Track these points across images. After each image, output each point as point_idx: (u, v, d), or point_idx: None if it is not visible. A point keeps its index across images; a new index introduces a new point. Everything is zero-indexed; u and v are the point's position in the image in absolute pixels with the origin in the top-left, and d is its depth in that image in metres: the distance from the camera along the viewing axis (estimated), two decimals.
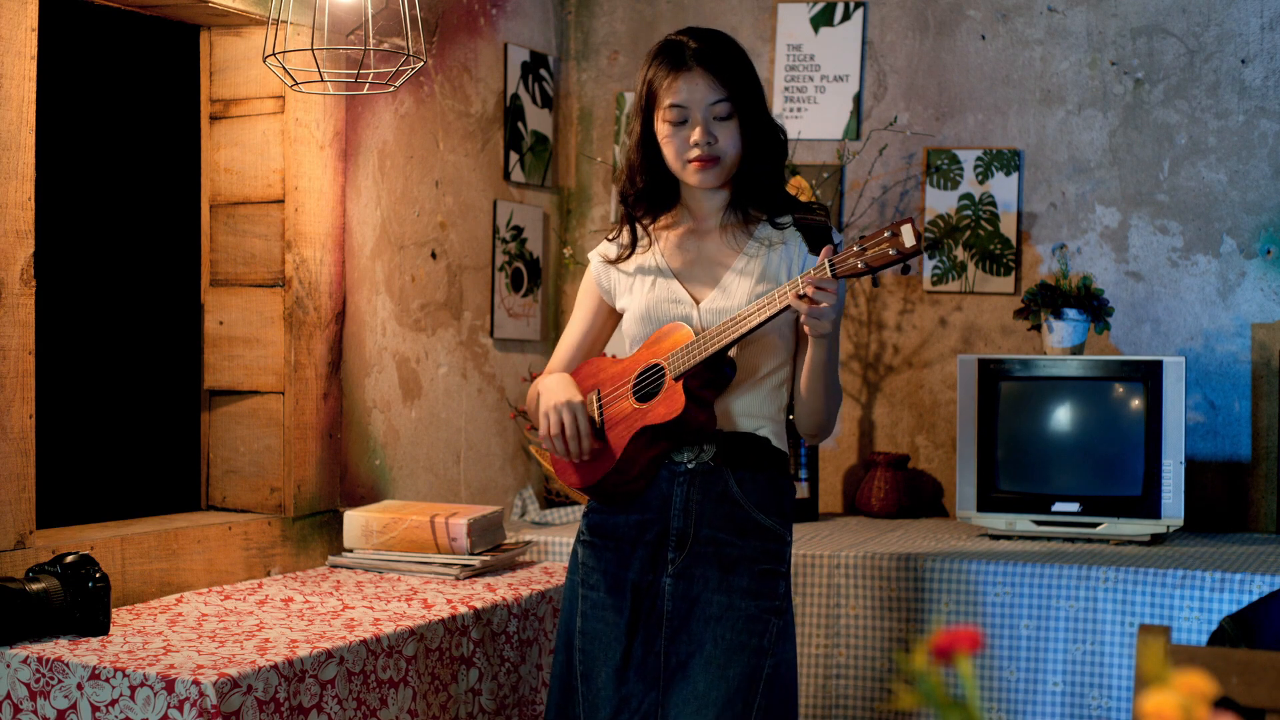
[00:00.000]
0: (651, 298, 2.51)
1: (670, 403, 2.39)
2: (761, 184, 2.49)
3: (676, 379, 2.38)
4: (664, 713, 2.41)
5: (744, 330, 2.33)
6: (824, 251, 2.26)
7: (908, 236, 2.18)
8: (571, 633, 2.53)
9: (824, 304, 2.24)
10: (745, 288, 2.45)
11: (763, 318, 2.31)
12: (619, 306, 2.59)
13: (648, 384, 2.44)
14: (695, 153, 2.43)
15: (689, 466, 2.45)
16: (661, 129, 2.46)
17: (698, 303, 2.47)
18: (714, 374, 2.40)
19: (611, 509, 2.52)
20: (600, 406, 2.51)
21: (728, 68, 2.43)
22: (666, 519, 2.45)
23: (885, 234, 2.21)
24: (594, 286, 2.63)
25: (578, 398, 2.46)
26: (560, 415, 2.43)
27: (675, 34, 2.49)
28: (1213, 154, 3.73)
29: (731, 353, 2.44)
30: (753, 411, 2.47)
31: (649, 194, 2.54)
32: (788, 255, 2.47)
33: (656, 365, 2.43)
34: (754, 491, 2.44)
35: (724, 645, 2.37)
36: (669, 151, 2.46)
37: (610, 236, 2.62)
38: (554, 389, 2.49)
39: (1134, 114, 3.81)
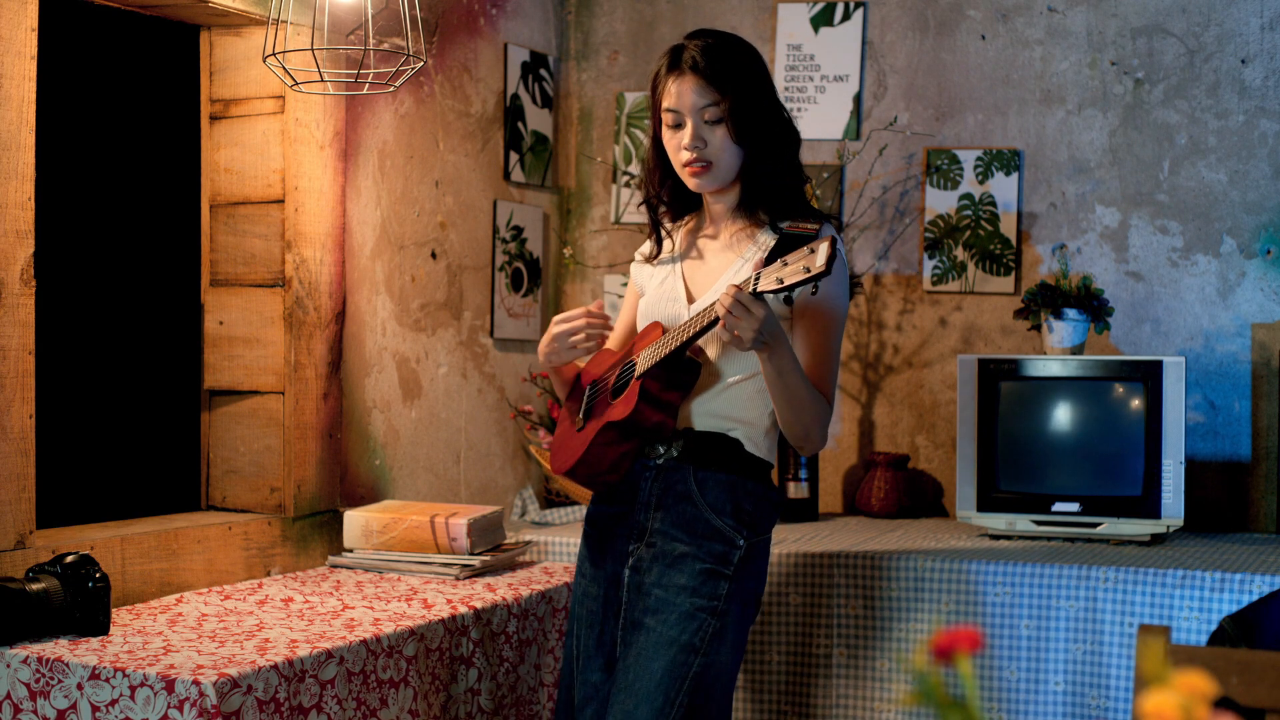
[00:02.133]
0: (655, 295, 2.56)
1: (626, 402, 2.43)
2: (767, 187, 2.47)
3: (638, 378, 2.41)
4: None
5: (686, 337, 2.34)
6: (755, 264, 2.25)
7: (820, 256, 2.11)
8: (573, 618, 2.62)
9: (740, 319, 2.18)
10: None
11: (704, 324, 2.30)
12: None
13: (621, 380, 2.48)
14: (685, 156, 2.45)
15: (658, 463, 2.48)
16: (663, 134, 2.50)
17: (691, 303, 2.50)
18: (674, 375, 2.41)
19: (601, 501, 2.58)
20: (592, 396, 2.57)
21: (721, 71, 2.41)
22: (633, 512, 2.50)
23: (805, 251, 2.14)
24: (632, 286, 2.71)
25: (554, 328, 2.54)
26: (551, 336, 2.52)
27: (685, 37, 2.51)
28: (1213, 154, 3.73)
29: (712, 354, 2.45)
30: (724, 413, 2.47)
31: (672, 195, 2.59)
32: None
33: (632, 363, 2.48)
34: (711, 492, 2.45)
35: (653, 638, 2.40)
36: (670, 155, 2.50)
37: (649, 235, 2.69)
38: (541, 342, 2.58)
39: (1134, 114, 3.81)
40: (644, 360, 2.42)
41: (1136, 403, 3.37)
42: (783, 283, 2.16)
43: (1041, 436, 3.48)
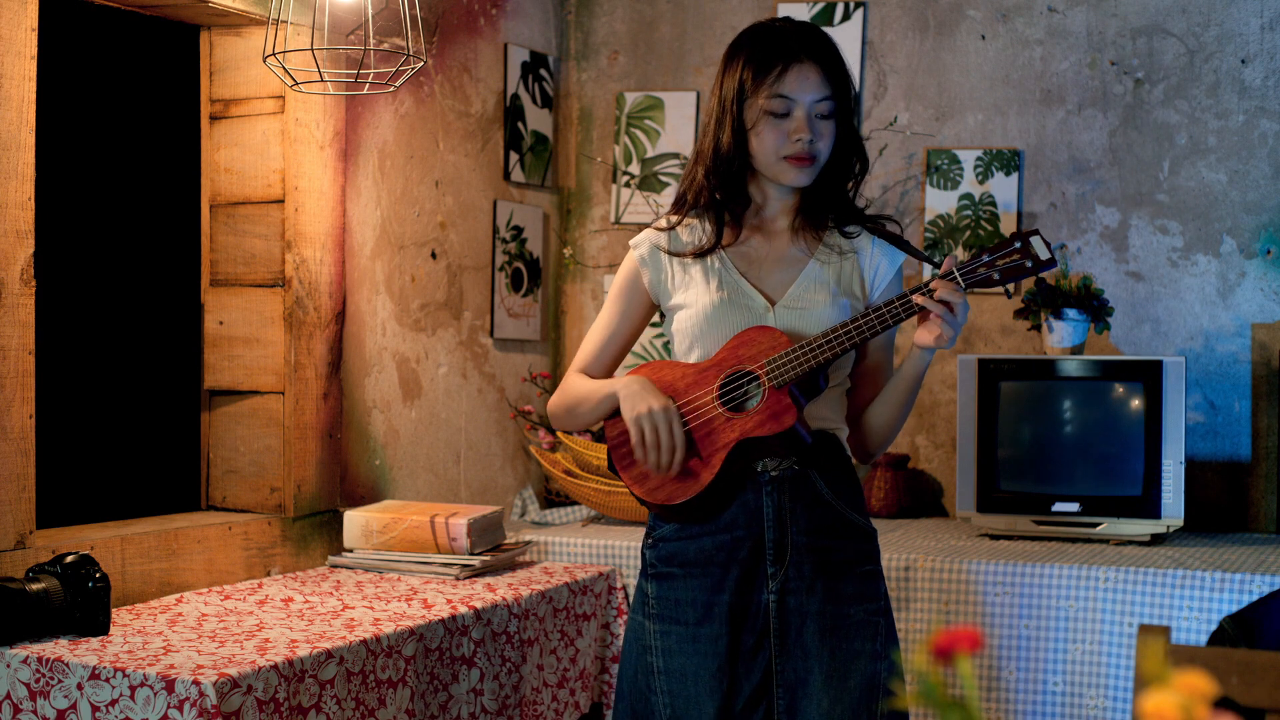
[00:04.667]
0: (720, 296, 2.32)
1: (779, 413, 2.22)
2: (839, 191, 2.37)
3: (779, 387, 2.22)
4: None
5: (860, 338, 2.20)
6: (947, 261, 2.19)
7: (1040, 249, 2.15)
8: (645, 675, 2.34)
9: (957, 316, 2.17)
10: (823, 293, 2.32)
11: (884, 325, 2.19)
12: (671, 303, 2.38)
13: (737, 392, 2.26)
14: (796, 148, 2.27)
15: (773, 474, 2.30)
16: (759, 120, 2.29)
17: (772, 305, 2.32)
18: (811, 384, 2.26)
19: (690, 533, 2.33)
20: (680, 416, 2.30)
21: (835, 66, 2.31)
22: (759, 532, 2.29)
23: (1015, 244, 2.16)
24: (634, 280, 2.41)
25: (667, 402, 2.26)
26: (655, 422, 2.25)
27: (772, 21, 2.35)
28: (1213, 154, 3.73)
29: None
30: (828, 416, 2.35)
31: (730, 189, 2.35)
32: (861, 264, 2.36)
33: (748, 373, 2.25)
34: (841, 490, 2.33)
35: (842, 656, 2.27)
36: (764, 143, 2.29)
37: (660, 226, 2.41)
38: (638, 393, 2.28)
39: (1134, 114, 3.81)
40: (782, 367, 2.22)
41: (1136, 403, 3.37)
42: (1003, 277, 2.18)
43: (1041, 436, 3.48)
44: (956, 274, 2.19)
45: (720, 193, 2.35)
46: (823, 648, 2.27)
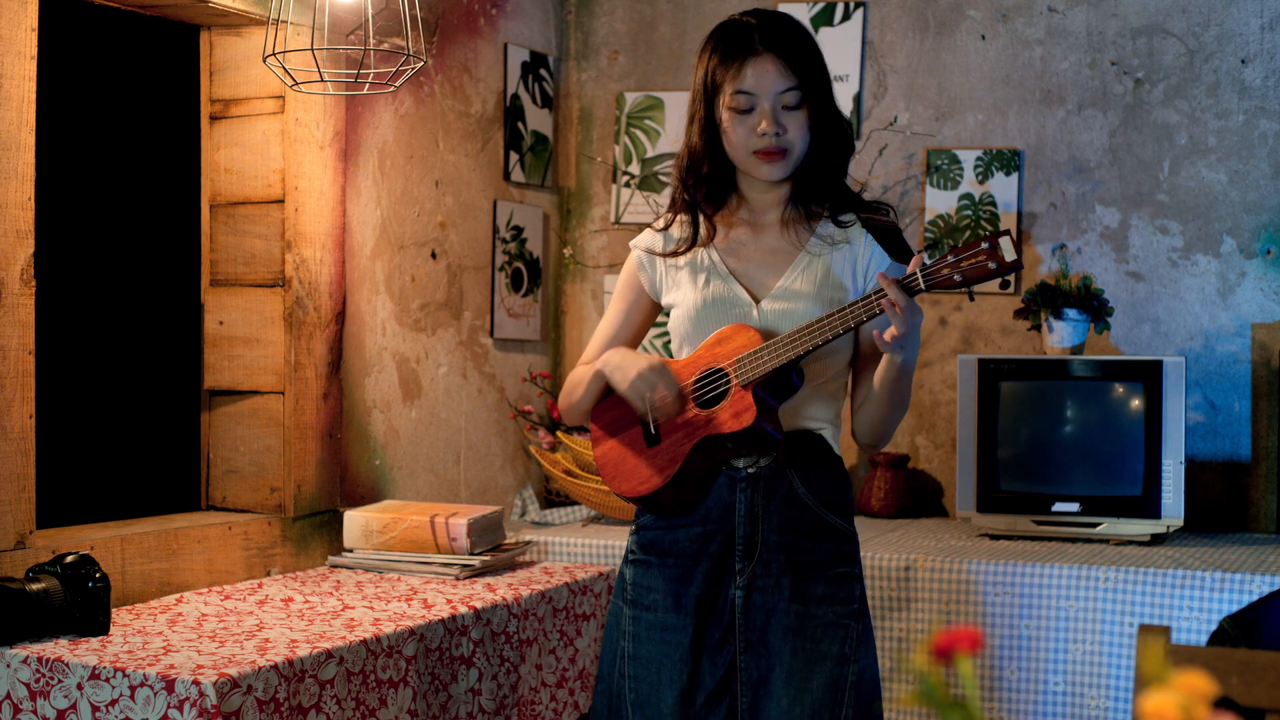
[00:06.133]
0: (706, 295, 2.33)
1: (740, 412, 2.24)
2: (826, 179, 2.34)
3: (745, 386, 2.23)
4: None
5: (822, 339, 2.18)
6: (914, 261, 2.13)
7: (1007, 250, 2.09)
8: (620, 659, 2.36)
9: (912, 316, 2.12)
10: (810, 288, 2.30)
11: (845, 326, 2.17)
12: (665, 301, 2.41)
13: (709, 390, 2.28)
14: (763, 143, 2.26)
15: (749, 471, 2.30)
16: (725, 117, 2.28)
17: (757, 302, 2.31)
18: (782, 382, 2.26)
19: (668, 523, 2.35)
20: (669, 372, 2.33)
21: (798, 54, 2.27)
22: (730, 528, 2.30)
23: (982, 245, 2.10)
24: (635, 279, 2.44)
25: (653, 359, 2.28)
26: (653, 380, 2.26)
27: (740, 15, 2.33)
28: (1213, 154, 3.73)
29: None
30: (812, 414, 2.33)
31: (710, 184, 2.35)
32: (852, 255, 2.33)
33: (720, 370, 2.27)
34: (820, 491, 2.30)
35: (804, 656, 2.25)
36: (733, 141, 2.29)
37: (657, 227, 2.43)
38: (621, 364, 2.30)
39: (1134, 114, 3.81)
40: (748, 366, 2.23)
41: (1136, 403, 3.37)
42: (966, 279, 2.11)
43: (1041, 436, 3.48)
44: (919, 276, 2.12)
45: (695, 191, 2.36)
46: (784, 646, 2.26)
